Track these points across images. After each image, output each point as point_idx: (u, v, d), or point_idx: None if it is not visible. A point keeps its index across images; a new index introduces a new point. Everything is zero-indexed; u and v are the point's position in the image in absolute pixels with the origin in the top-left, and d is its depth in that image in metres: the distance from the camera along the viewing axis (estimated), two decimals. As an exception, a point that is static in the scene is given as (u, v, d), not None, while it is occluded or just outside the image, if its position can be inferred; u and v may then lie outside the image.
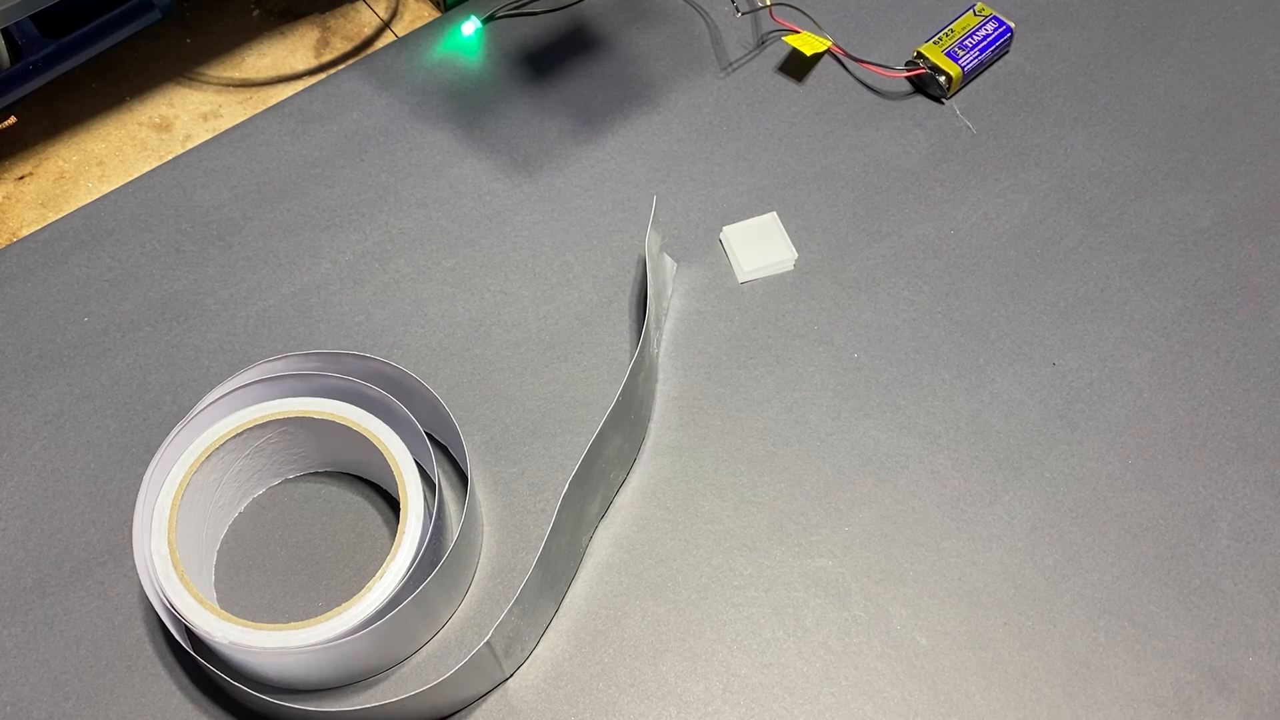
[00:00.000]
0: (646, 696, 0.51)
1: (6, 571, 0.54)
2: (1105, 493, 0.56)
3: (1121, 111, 0.68)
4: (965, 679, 0.51)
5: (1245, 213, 0.65)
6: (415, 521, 0.51)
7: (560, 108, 0.68)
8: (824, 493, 0.56)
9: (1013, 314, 0.61)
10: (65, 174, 0.67)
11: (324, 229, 0.64)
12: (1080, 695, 0.51)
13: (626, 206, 0.65)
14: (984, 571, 0.54)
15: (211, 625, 0.48)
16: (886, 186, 0.66)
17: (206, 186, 0.66)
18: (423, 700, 0.48)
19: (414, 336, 0.61)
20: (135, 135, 0.69)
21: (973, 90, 0.69)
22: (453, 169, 0.66)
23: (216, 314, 0.62)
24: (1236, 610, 0.53)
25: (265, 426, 0.53)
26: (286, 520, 0.56)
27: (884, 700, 0.51)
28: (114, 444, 0.58)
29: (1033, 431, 0.58)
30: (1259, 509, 0.55)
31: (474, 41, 0.71)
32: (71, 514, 0.56)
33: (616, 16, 0.72)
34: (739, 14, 0.72)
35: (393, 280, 0.63)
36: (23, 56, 0.65)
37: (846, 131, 0.68)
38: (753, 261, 0.62)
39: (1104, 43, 0.71)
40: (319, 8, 0.74)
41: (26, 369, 0.60)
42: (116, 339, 0.61)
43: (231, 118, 0.69)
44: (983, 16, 0.70)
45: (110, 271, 0.63)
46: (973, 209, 0.65)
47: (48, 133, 0.69)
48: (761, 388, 0.59)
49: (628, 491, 0.56)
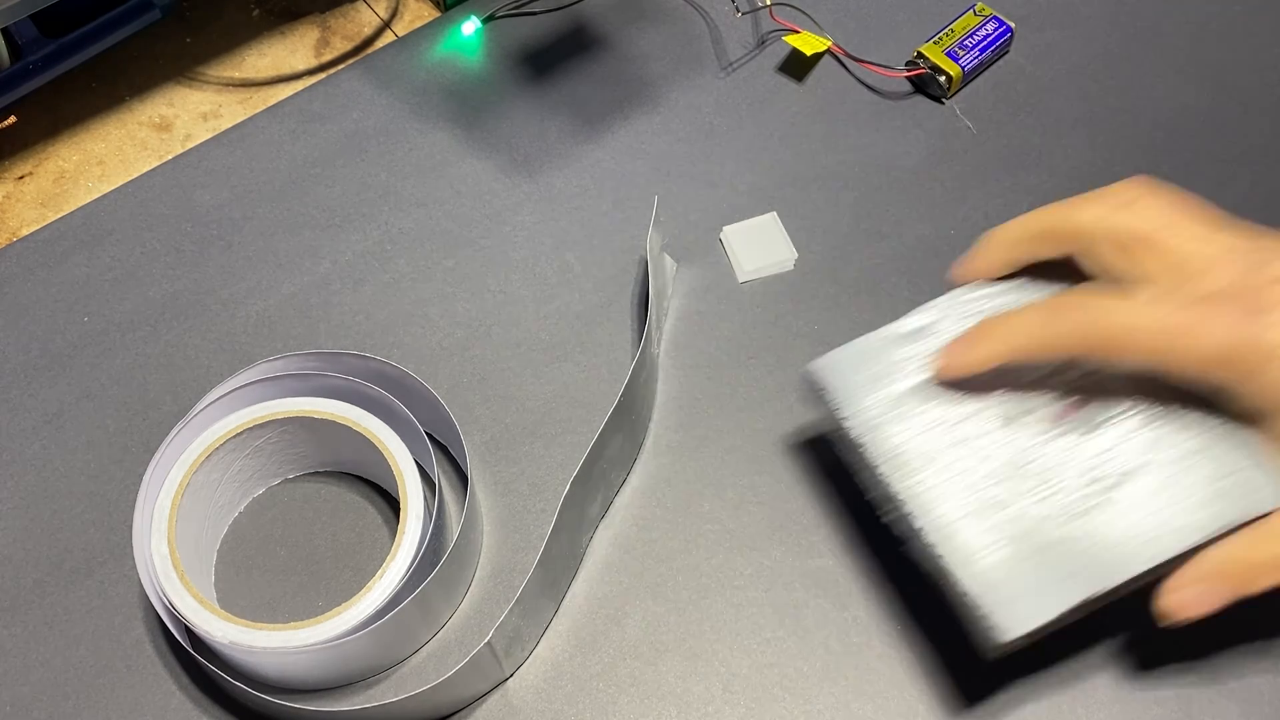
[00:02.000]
0: (646, 696, 0.51)
1: (6, 571, 0.54)
2: (1105, 493, 0.56)
3: (1121, 111, 0.68)
4: (965, 679, 0.51)
5: (1245, 213, 0.65)
6: (415, 521, 0.51)
7: (560, 108, 0.68)
8: (825, 492, 0.56)
9: (1013, 314, 0.61)
10: (65, 174, 0.67)
11: (324, 229, 0.64)
12: (1080, 695, 0.51)
13: (626, 206, 0.65)
14: (984, 571, 0.54)
15: (211, 625, 0.48)
16: (886, 186, 0.66)
17: (206, 186, 0.66)
18: (423, 700, 0.48)
19: (414, 336, 0.61)
20: (135, 135, 0.69)
21: (973, 90, 0.69)
22: (453, 169, 0.66)
23: (216, 314, 0.62)
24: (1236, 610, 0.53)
25: (265, 426, 0.53)
26: (286, 520, 0.56)
27: (884, 700, 0.51)
28: (114, 444, 0.58)
29: (1033, 431, 0.58)
30: (1259, 509, 0.55)
31: (474, 41, 0.72)
32: (71, 514, 0.56)
33: (616, 16, 0.72)
34: (739, 14, 0.72)
35: (393, 280, 0.63)
36: (23, 56, 0.65)
37: (846, 131, 0.68)
38: (753, 261, 0.62)
39: (1104, 43, 0.71)
40: (319, 7, 0.74)
41: (26, 369, 0.60)
42: (116, 339, 0.61)
43: (231, 117, 0.69)
44: (983, 16, 0.70)
45: (110, 271, 0.63)
46: (973, 209, 0.65)
47: (48, 133, 0.69)
48: (761, 388, 0.59)
49: (627, 491, 0.56)
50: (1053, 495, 0.45)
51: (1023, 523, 0.45)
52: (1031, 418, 0.47)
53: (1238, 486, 0.44)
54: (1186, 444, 0.45)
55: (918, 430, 0.47)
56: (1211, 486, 0.44)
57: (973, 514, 0.45)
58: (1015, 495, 0.46)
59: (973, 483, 0.46)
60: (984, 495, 0.46)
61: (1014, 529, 0.45)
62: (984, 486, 0.46)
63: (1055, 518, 0.45)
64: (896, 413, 0.48)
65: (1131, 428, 0.46)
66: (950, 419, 0.47)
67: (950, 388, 0.48)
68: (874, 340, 0.50)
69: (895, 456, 0.47)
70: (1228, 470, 0.44)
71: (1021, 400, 0.47)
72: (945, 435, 0.47)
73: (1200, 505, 0.44)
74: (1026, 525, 0.45)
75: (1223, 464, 0.44)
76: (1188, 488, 0.45)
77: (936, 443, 0.47)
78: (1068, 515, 0.45)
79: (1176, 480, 0.45)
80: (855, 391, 0.49)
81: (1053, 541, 0.45)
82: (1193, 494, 0.44)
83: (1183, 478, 0.45)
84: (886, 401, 0.48)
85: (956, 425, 0.47)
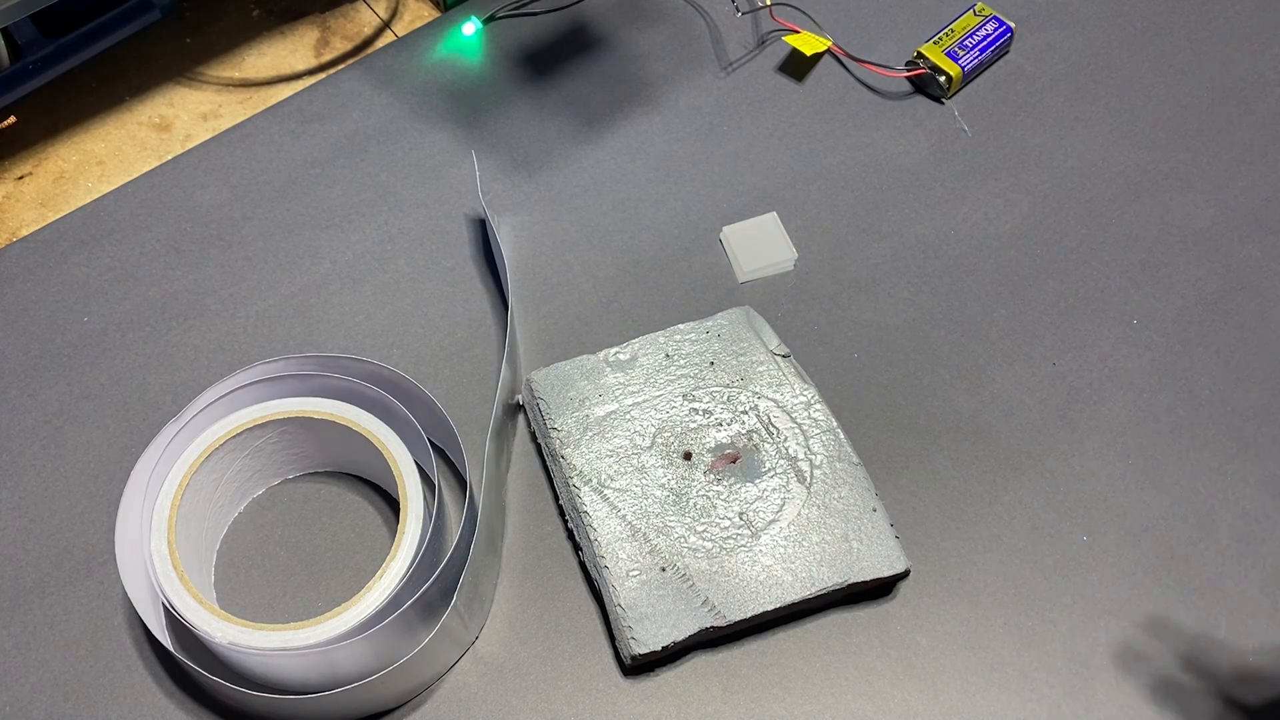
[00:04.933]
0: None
1: (6, 571, 0.54)
2: (1105, 493, 0.56)
3: (1121, 111, 0.68)
4: (965, 679, 0.51)
5: (1245, 213, 0.65)
6: (415, 522, 0.51)
7: (560, 108, 0.68)
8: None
9: (1013, 314, 0.61)
10: (65, 174, 0.67)
11: (324, 229, 0.64)
12: (1080, 695, 0.51)
13: (626, 206, 0.65)
14: (984, 571, 0.54)
15: (210, 625, 0.48)
16: (886, 186, 0.66)
17: (206, 186, 0.66)
18: (402, 676, 0.48)
19: (414, 336, 0.61)
20: (135, 135, 0.69)
21: (973, 90, 0.69)
22: (453, 169, 0.66)
23: (216, 314, 0.62)
24: (1236, 610, 0.53)
25: (265, 426, 0.53)
26: (286, 520, 0.56)
27: (884, 700, 0.51)
28: (113, 444, 0.58)
29: (1033, 431, 0.58)
30: (1259, 509, 0.55)
31: (474, 41, 0.71)
32: (71, 514, 0.56)
33: (616, 16, 0.72)
34: (739, 14, 0.72)
35: (393, 280, 0.63)
36: (23, 56, 0.65)
37: (846, 131, 0.68)
38: (753, 261, 0.62)
39: (1104, 43, 0.71)
40: (319, 8, 0.74)
41: (26, 369, 0.60)
42: (116, 339, 0.61)
43: (231, 118, 0.69)
44: (983, 16, 0.70)
45: (110, 271, 0.63)
46: (973, 209, 0.65)
47: (48, 133, 0.69)
48: (761, 388, 0.59)
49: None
50: (709, 528, 0.52)
51: (678, 550, 0.51)
52: (699, 459, 0.54)
53: (843, 556, 0.52)
54: (810, 512, 0.52)
55: (606, 453, 0.54)
56: (827, 550, 0.51)
57: (638, 535, 0.52)
58: (677, 523, 0.52)
59: (645, 507, 0.52)
60: (651, 520, 0.52)
61: (669, 554, 0.51)
62: (654, 512, 0.52)
63: (706, 549, 0.51)
64: (593, 434, 0.55)
65: (776, 485, 0.53)
66: (638, 446, 0.54)
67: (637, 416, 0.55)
68: (590, 362, 0.57)
69: (583, 472, 0.54)
70: (839, 538, 0.52)
71: (696, 440, 0.54)
72: (630, 460, 0.53)
73: (818, 563, 0.51)
74: (681, 552, 0.51)
75: (833, 535, 0.52)
76: (811, 546, 0.52)
77: (620, 466, 0.54)
78: (718, 549, 0.52)
79: (806, 537, 0.52)
80: (565, 407, 0.56)
81: (699, 571, 0.51)
82: (814, 552, 0.51)
83: (811, 535, 0.52)
84: (589, 422, 0.55)
85: (639, 454, 0.54)
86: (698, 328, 0.58)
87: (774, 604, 0.51)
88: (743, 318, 0.58)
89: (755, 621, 0.51)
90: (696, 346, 0.57)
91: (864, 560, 0.51)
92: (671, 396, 0.56)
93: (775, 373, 0.56)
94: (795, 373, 0.56)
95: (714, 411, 0.55)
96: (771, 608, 0.50)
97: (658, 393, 0.56)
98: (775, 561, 0.51)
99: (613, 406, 0.55)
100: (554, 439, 0.54)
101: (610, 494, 0.53)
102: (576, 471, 0.54)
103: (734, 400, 0.55)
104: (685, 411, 0.55)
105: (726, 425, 0.55)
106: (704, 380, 0.56)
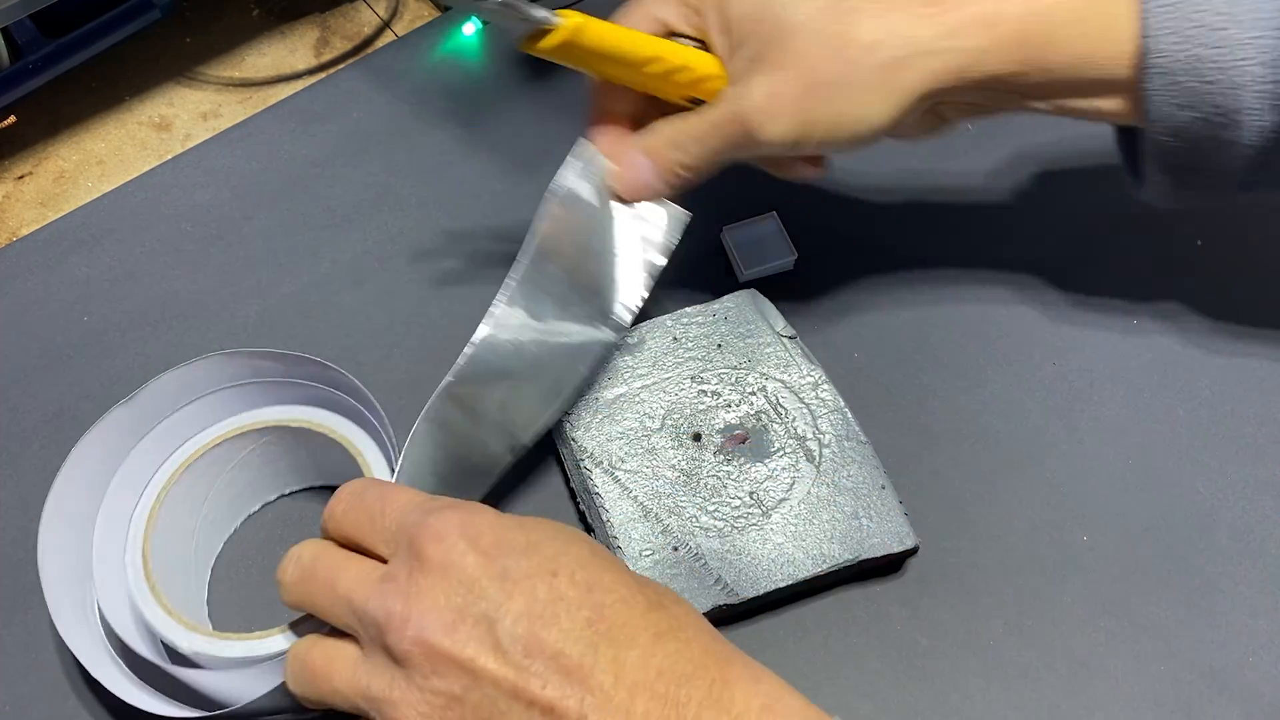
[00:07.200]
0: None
1: (6, 571, 0.54)
2: (1105, 493, 0.56)
3: (1121, 111, 0.68)
4: (965, 679, 0.51)
5: (1244, 213, 0.65)
6: None
7: (560, 108, 0.68)
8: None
9: (1013, 314, 0.61)
10: (65, 173, 0.67)
11: (324, 229, 0.64)
12: (1080, 695, 0.51)
13: (626, 206, 0.65)
14: (984, 572, 0.54)
15: (177, 635, 0.47)
16: (887, 186, 0.66)
17: (206, 186, 0.66)
18: None
19: (414, 336, 0.61)
20: (135, 135, 0.69)
21: (973, 90, 0.69)
22: (453, 169, 0.66)
23: (216, 314, 0.62)
24: (1236, 610, 0.53)
25: (245, 437, 0.52)
26: (284, 539, 0.54)
27: (884, 700, 0.51)
28: (114, 444, 0.58)
29: (1033, 431, 0.58)
30: (1259, 509, 0.55)
31: (474, 41, 0.71)
32: (71, 514, 0.56)
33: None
34: (739, 14, 0.72)
35: (393, 280, 0.63)
36: (23, 56, 0.65)
37: (846, 131, 0.67)
38: (753, 262, 0.62)
39: (1104, 43, 0.71)
40: (319, 7, 0.74)
41: (26, 369, 0.60)
42: (116, 339, 0.61)
43: (231, 117, 0.69)
44: (983, 16, 0.70)
45: (110, 271, 0.63)
46: (973, 208, 0.65)
47: (48, 132, 0.69)
48: (761, 388, 0.59)
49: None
50: (719, 508, 0.52)
51: (690, 529, 0.52)
52: (709, 440, 0.54)
53: (853, 533, 0.52)
54: (820, 490, 0.53)
55: (616, 435, 0.54)
56: (837, 527, 0.52)
57: (650, 515, 0.52)
58: (689, 503, 0.52)
59: (656, 488, 0.53)
60: (663, 501, 0.52)
61: (681, 534, 0.51)
62: (665, 492, 0.52)
63: (717, 528, 0.52)
64: (603, 416, 0.55)
65: (785, 464, 0.53)
66: (647, 428, 0.54)
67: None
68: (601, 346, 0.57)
69: (594, 455, 0.53)
70: (849, 515, 0.52)
71: (705, 421, 0.54)
72: (640, 442, 0.54)
73: (829, 540, 0.52)
74: (693, 531, 0.52)
75: (843, 512, 0.52)
76: (822, 524, 0.52)
77: (630, 448, 0.54)
78: (729, 528, 0.51)
79: (816, 514, 0.52)
80: None
81: (711, 550, 0.51)
82: (825, 529, 0.52)
83: (821, 513, 0.52)
84: (598, 405, 0.55)
85: (649, 436, 0.54)
86: (704, 311, 0.58)
87: (786, 581, 0.51)
88: (749, 300, 0.59)
89: (767, 599, 0.51)
90: (704, 329, 0.58)
91: (874, 537, 0.52)
92: (680, 379, 0.56)
93: (782, 354, 0.57)
94: (802, 354, 0.57)
95: (722, 393, 0.55)
96: (784, 584, 0.51)
97: (666, 375, 0.56)
98: (786, 539, 0.52)
99: (621, 389, 0.56)
100: (564, 422, 0.55)
101: (621, 475, 0.53)
102: (587, 454, 0.54)
103: (742, 382, 0.56)
104: (694, 393, 0.55)
105: (735, 406, 0.55)
106: (712, 362, 0.56)
